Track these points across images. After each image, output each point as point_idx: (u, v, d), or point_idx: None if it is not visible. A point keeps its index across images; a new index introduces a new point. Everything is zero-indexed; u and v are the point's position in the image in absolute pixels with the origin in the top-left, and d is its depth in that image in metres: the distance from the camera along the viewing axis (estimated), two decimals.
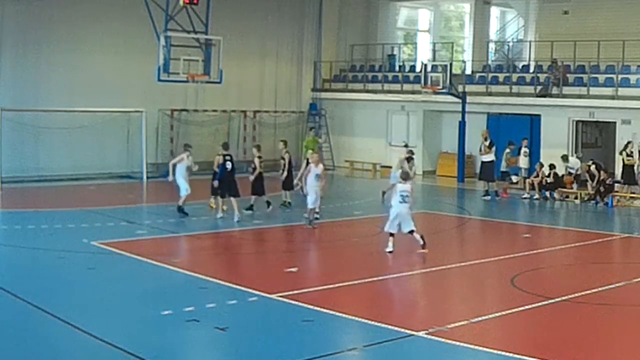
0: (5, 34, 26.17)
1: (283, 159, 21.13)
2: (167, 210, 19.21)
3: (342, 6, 35.39)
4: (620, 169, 24.42)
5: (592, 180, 23.92)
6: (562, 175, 24.89)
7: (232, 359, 9.75)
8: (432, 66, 29.57)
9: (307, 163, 19.59)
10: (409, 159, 22.02)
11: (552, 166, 24.66)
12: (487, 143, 24.82)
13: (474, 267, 14.78)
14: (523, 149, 26.02)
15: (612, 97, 25.77)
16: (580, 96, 26.59)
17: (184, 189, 19.05)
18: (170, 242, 17.06)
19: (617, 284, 13.18)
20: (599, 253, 16.88)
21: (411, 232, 15.41)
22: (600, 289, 12.85)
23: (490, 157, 24.75)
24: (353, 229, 19.25)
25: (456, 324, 10.60)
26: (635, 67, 26.09)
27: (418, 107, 31.44)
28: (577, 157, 25.50)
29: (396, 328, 10.35)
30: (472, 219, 21.26)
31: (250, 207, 19.60)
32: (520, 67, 30.38)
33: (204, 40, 25.65)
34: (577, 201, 24.16)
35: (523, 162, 26.05)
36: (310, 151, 21.74)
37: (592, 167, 24.08)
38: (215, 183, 18.80)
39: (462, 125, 29.29)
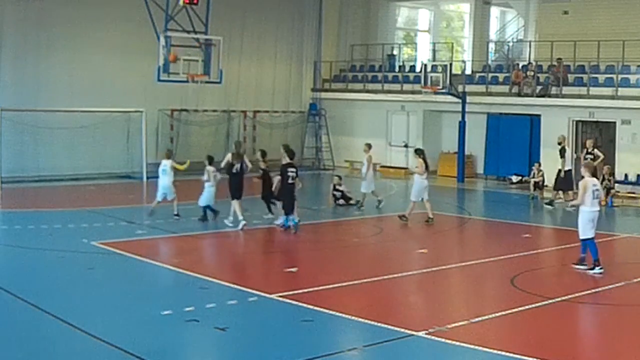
0: (5, 34, 26.19)
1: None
2: (166, 211, 19.17)
3: (342, 6, 35.41)
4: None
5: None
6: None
7: (232, 359, 9.75)
8: (432, 66, 29.57)
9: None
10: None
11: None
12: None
13: (474, 267, 14.77)
14: None
15: (612, 97, 25.77)
16: (580, 96, 26.59)
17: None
18: (170, 242, 17.05)
19: (617, 284, 13.18)
20: (599, 253, 16.85)
21: None
22: (600, 289, 12.86)
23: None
24: (353, 229, 19.24)
25: (456, 324, 10.60)
26: (635, 67, 26.09)
27: (418, 107, 31.44)
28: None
29: (396, 328, 10.35)
30: (472, 219, 21.26)
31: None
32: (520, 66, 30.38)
33: (204, 40, 25.64)
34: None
35: None
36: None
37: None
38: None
39: (462, 125, 29.30)
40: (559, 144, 23.22)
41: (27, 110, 25.49)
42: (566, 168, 22.84)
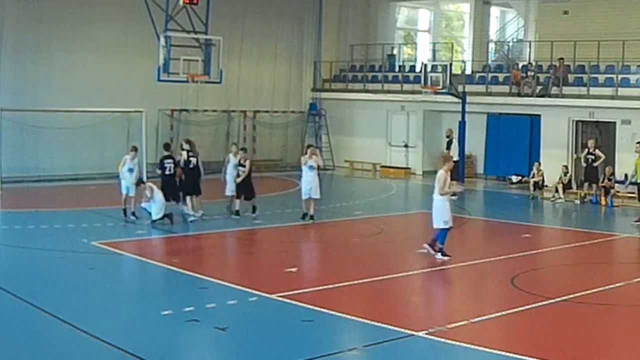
0: (5, 34, 26.18)
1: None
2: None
3: (342, 6, 35.39)
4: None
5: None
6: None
7: (232, 359, 9.76)
8: (432, 66, 29.56)
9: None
10: None
11: (566, 167, 25.10)
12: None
13: (474, 267, 14.78)
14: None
15: (612, 97, 25.76)
16: (580, 96, 26.58)
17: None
18: (170, 242, 17.06)
19: (617, 284, 13.19)
20: (599, 253, 16.88)
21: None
22: (600, 289, 12.85)
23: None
24: (353, 229, 19.25)
25: (456, 324, 10.60)
26: (635, 67, 26.08)
27: (418, 107, 31.42)
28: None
29: (396, 328, 10.35)
30: (472, 219, 21.25)
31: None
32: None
33: (204, 40, 25.63)
34: (577, 201, 24.21)
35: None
36: None
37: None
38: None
39: (462, 125, 29.28)
40: (447, 136, 25.46)
41: (27, 110, 25.47)
42: (454, 159, 23.90)
